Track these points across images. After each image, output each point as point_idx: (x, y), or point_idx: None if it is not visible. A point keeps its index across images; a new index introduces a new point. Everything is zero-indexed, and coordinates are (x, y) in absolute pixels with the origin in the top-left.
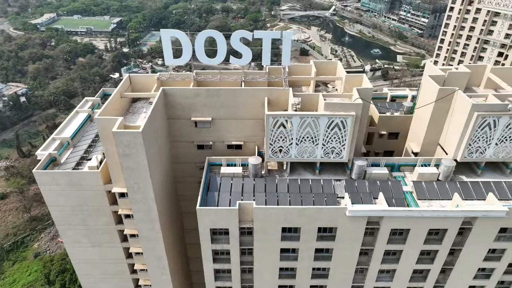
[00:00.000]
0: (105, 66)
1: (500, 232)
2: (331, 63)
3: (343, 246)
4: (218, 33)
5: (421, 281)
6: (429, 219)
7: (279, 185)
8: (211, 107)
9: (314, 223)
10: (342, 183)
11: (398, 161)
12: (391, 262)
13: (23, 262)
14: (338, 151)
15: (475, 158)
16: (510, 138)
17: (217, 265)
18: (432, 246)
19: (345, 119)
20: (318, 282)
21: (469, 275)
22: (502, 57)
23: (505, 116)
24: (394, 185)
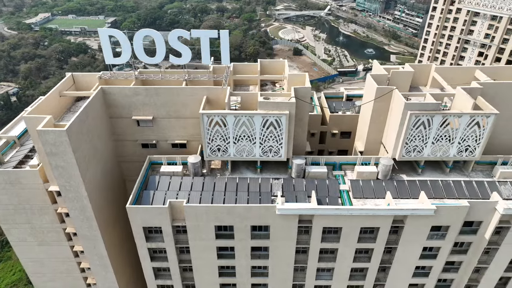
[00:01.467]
0: (98, 65)
1: (433, 231)
2: (278, 62)
3: (278, 244)
4: (156, 32)
5: (361, 280)
6: (360, 217)
7: (217, 183)
8: (151, 106)
9: (245, 221)
10: (280, 182)
11: (339, 160)
12: (329, 261)
13: (8, 262)
14: (276, 150)
15: (413, 157)
16: (445, 137)
17: (155, 264)
18: (367, 244)
19: (279, 118)
20: (258, 280)
21: (407, 273)
22: (482, 57)
23: (438, 115)
24: (331, 183)
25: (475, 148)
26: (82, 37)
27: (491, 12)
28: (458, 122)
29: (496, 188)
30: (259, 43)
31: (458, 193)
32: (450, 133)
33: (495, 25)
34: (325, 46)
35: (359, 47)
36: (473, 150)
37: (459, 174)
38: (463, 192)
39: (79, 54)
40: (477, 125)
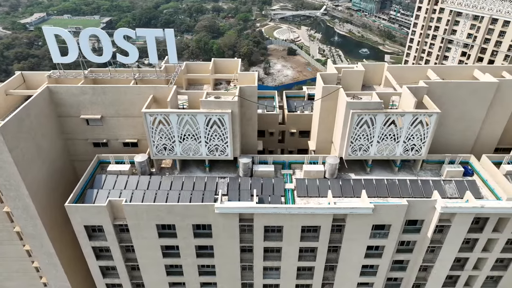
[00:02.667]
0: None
1: (377, 229)
2: (232, 61)
3: (222, 243)
4: (101, 31)
5: (309, 278)
6: (299, 216)
7: (163, 182)
8: (99, 104)
9: (186, 220)
10: (226, 181)
11: (288, 159)
12: (274, 259)
13: None
14: (222, 148)
15: (359, 156)
16: (390, 136)
17: (101, 262)
18: (310, 243)
19: (221, 116)
20: (206, 279)
21: (355, 272)
22: (465, 57)
23: (380, 114)
24: (277, 182)
25: (420, 147)
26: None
27: (473, 12)
28: (402, 121)
29: (440, 187)
30: (253, 43)
31: (403, 192)
32: (394, 132)
33: (477, 25)
34: (319, 46)
35: (354, 47)
36: (419, 149)
37: (408, 173)
38: (407, 191)
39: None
40: (421, 124)
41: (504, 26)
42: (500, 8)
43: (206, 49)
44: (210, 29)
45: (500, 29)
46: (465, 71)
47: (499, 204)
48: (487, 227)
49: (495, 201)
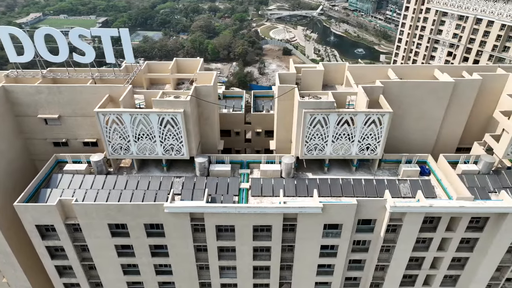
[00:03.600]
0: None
1: (330, 229)
2: (194, 61)
3: (175, 242)
4: (55, 30)
5: (266, 277)
6: (250, 215)
7: (118, 182)
8: (56, 104)
9: (137, 219)
10: (181, 180)
11: (245, 158)
12: (229, 259)
13: None
14: (178, 148)
15: (315, 156)
16: (345, 135)
17: (57, 262)
18: (263, 242)
19: (174, 116)
20: (164, 278)
21: (311, 271)
22: (451, 57)
23: (333, 113)
24: (232, 182)
25: (376, 146)
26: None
27: (458, 12)
28: (355, 121)
29: (394, 187)
30: (248, 43)
31: (357, 192)
32: (348, 131)
33: (462, 25)
34: (315, 46)
35: (350, 47)
36: (374, 148)
37: (366, 172)
38: (361, 191)
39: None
40: (374, 123)
41: (488, 26)
42: (484, 8)
43: (201, 49)
44: (206, 29)
45: (485, 29)
46: (426, 71)
47: (448, 203)
48: (440, 227)
49: (444, 201)
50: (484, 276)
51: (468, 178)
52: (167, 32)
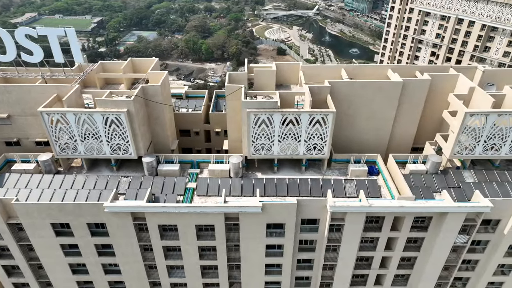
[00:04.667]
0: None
1: (274, 228)
2: (148, 61)
3: (120, 241)
4: (2, 30)
5: (215, 277)
6: (192, 215)
7: (65, 181)
8: (4, 103)
9: (80, 219)
10: (128, 180)
11: (195, 158)
12: (176, 258)
13: None
14: (125, 147)
15: (263, 155)
16: (291, 135)
17: (3, 261)
18: (208, 242)
19: (118, 115)
20: (113, 277)
21: (259, 270)
22: (434, 57)
23: (277, 113)
24: (178, 181)
25: (322, 146)
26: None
27: (440, 12)
28: (300, 121)
29: (340, 186)
30: (242, 43)
31: (302, 191)
32: (294, 131)
33: (445, 25)
34: (309, 46)
35: (345, 47)
36: (321, 148)
37: (315, 172)
38: (307, 190)
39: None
40: (319, 123)
41: (470, 26)
42: (465, 8)
43: (195, 49)
44: (201, 29)
45: (466, 29)
46: (379, 70)
47: (388, 203)
48: (385, 226)
49: (384, 200)
50: (432, 275)
51: (415, 178)
52: (162, 32)
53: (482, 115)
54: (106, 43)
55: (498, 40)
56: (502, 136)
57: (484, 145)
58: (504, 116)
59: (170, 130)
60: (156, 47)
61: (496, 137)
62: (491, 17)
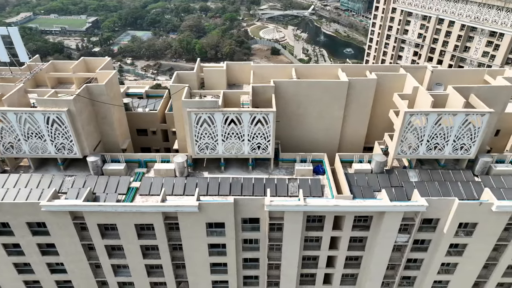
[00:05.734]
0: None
1: (216, 227)
2: (101, 60)
3: (63, 241)
4: None
5: (161, 276)
6: (129, 214)
7: (9, 180)
8: None
9: (18, 218)
10: (72, 179)
11: (142, 157)
12: (120, 257)
13: None
14: (69, 147)
15: (208, 155)
16: (234, 134)
17: None
18: (149, 241)
19: (59, 115)
20: (59, 277)
21: (204, 269)
22: (417, 56)
23: (218, 113)
24: (122, 181)
25: (266, 145)
26: (62, 36)
27: (422, 12)
28: (241, 120)
29: (283, 185)
30: (236, 42)
31: (244, 191)
32: (236, 130)
33: (426, 25)
34: (304, 45)
35: (339, 47)
36: (266, 147)
37: (263, 172)
38: (250, 190)
39: (54, 53)
40: (261, 122)
41: (450, 26)
42: (445, 8)
43: (189, 49)
44: (196, 28)
45: (446, 29)
46: (330, 70)
47: (325, 202)
48: (326, 225)
49: (320, 199)
50: (377, 274)
51: (359, 177)
52: (156, 32)
53: (422, 114)
54: (100, 43)
55: (477, 40)
56: (444, 135)
57: (427, 145)
58: (444, 115)
59: (121, 129)
60: (150, 47)
61: (439, 137)
62: (470, 17)
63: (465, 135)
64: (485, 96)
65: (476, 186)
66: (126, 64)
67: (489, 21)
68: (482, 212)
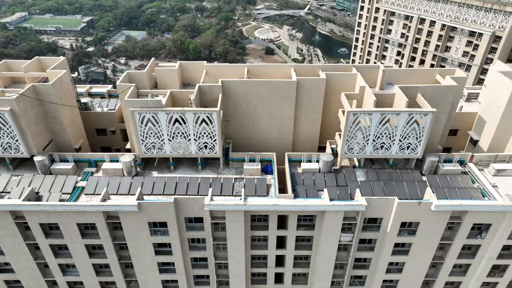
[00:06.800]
0: None
1: (161, 227)
2: (52, 60)
3: (6, 240)
4: None
5: (110, 275)
6: (70, 213)
7: None
8: None
9: None
10: (18, 178)
11: (92, 157)
12: (66, 257)
13: None
14: (16, 146)
15: (156, 154)
16: (179, 134)
17: None
18: (93, 240)
19: (2, 114)
20: (8, 276)
21: (152, 269)
22: (400, 56)
23: (162, 112)
24: (68, 180)
25: (213, 145)
26: (56, 36)
27: (404, 12)
28: (186, 120)
29: (229, 185)
30: (230, 42)
31: (190, 190)
32: (182, 130)
33: (408, 25)
34: (298, 45)
35: (334, 46)
36: (213, 147)
37: (212, 171)
38: (194, 189)
39: (48, 53)
40: (205, 122)
41: (431, 26)
42: (427, 8)
43: (183, 49)
44: (191, 28)
45: (428, 29)
46: (283, 69)
47: (266, 201)
48: (271, 224)
49: (261, 199)
50: (326, 273)
51: (306, 177)
52: (151, 32)
53: (365, 114)
54: (94, 43)
55: (457, 40)
56: (390, 135)
57: (373, 144)
58: (388, 115)
59: (73, 129)
60: (144, 47)
61: (384, 136)
62: (450, 17)
63: (410, 134)
64: (431, 95)
65: (422, 186)
66: (120, 64)
67: (469, 21)
68: (422, 211)
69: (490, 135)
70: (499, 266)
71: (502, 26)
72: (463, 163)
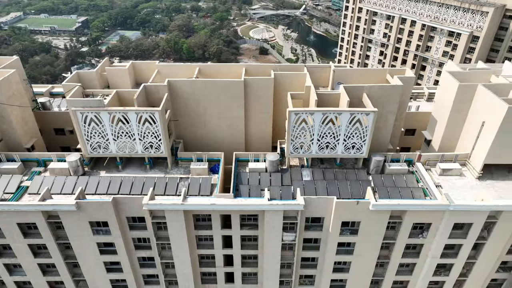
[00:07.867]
0: (59, 64)
1: (103, 226)
2: (6, 59)
3: None
4: None
5: (57, 275)
6: (10, 213)
7: None
8: None
9: None
10: None
11: (40, 156)
12: (11, 256)
13: None
14: None
15: (102, 154)
16: (124, 133)
17: None
18: (36, 240)
19: None
20: None
21: (99, 268)
22: (383, 56)
23: (104, 112)
24: (13, 180)
25: (159, 145)
26: (51, 36)
27: (386, 12)
28: (129, 119)
29: (174, 184)
30: (224, 42)
31: (134, 190)
32: (125, 129)
33: (390, 25)
34: (293, 45)
35: (328, 46)
36: (158, 147)
37: (161, 171)
38: (138, 189)
39: (41, 53)
40: (148, 122)
41: (412, 26)
42: (407, 8)
43: (176, 49)
44: (185, 28)
45: (409, 29)
46: (235, 69)
47: (205, 200)
48: (214, 224)
49: (200, 198)
50: (273, 273)
51: (252, 176)
52: (146, 32)
53: (307, 113)
54: (88, 43)
55: (437, 39)
56: (334, 134)
57: (318, 144)
58: (329, 114)
59: (24, 128)
60: (138, 47)
61: (328, 136)
62: (430, 17)
63: (354, 134)
64: (378, 95)
65: (365, 185)
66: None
67: (448, 21)
68: (361, 211)
69: (441, 135)
70: (445, 265)
71: (480, 26)
72: (411, 162)
